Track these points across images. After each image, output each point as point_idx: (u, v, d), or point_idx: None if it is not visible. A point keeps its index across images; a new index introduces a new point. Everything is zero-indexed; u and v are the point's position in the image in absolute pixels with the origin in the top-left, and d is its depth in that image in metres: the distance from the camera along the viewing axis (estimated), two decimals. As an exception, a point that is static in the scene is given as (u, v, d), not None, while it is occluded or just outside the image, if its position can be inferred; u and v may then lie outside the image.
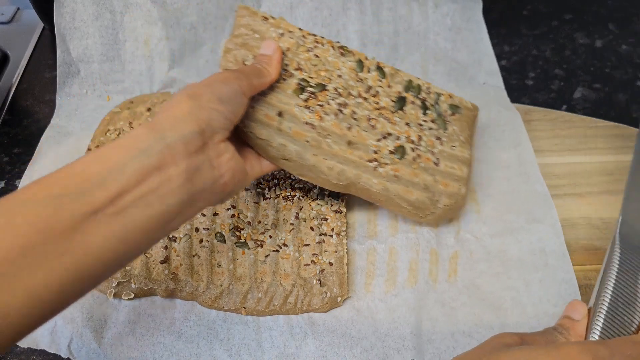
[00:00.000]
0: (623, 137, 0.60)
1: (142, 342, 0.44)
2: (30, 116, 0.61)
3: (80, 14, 0.61)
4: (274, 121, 0.45)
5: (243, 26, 0.49)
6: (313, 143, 0.46)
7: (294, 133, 0.45)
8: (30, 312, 0.29)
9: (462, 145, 0.50)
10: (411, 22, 0.67)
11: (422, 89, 0.52)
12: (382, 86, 0.50)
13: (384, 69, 0.51)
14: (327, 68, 0.49)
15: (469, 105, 0.53)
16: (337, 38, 0.66)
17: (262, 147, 0.45)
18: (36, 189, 0.31)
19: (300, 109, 0.46)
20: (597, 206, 0.54)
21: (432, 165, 0.48)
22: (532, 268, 0.48)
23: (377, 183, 0.47)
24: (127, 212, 0.32)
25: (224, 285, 0.46)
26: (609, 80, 0.69)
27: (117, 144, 0.34)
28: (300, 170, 0.47)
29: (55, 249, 0.29)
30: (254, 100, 0.45)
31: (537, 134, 0.60)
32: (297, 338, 0.44)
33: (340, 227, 0.50)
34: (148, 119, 0.58)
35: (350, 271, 0.48)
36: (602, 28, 0.76)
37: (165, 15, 0.62)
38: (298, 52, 0.49)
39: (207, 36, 0.64)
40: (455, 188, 0.48)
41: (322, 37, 0.51)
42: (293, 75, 0.48)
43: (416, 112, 0.50)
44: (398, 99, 0.50)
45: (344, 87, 0.49)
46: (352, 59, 0.51)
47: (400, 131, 0.49)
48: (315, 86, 0.48)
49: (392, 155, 0.48)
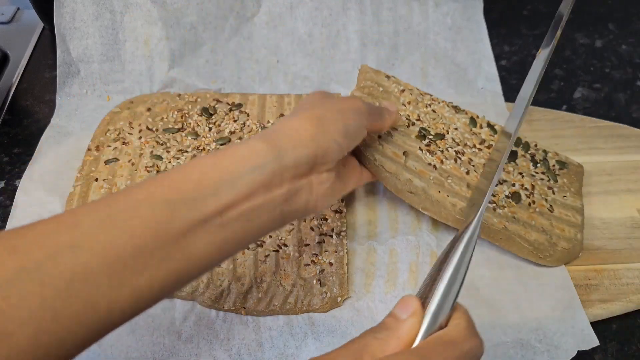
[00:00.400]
0: (623, 137, 0.60)
1: (142, 342, 0.43)
2: (30, 116, 0.61)
3: (80, 14, 0.61)
4: (401, 159, 0.49)
5: (368, 79, 0.55)
6: (436, 182, 0.49)
7: (419, 171, 0.49)
8: (131, 311, 0.30)
9: (573, 196, 0.52)
10: (411, 21, 0.67)
11: (531, 146, 0.56)
12: (494, 141, 0.54)
13: (494, 126, 0.56)
14: (443, 122, 0.54)
15: (574, 162, 0.56)
16: (337, 38, 0.66)
17: (389, 180, 0.49)
18: (152, 190, 0.31)
19: (422, 152, 0.50)
20: (597, 206, 0.54)
21: (547, 211, 0.50)
22: (530, 273, 0.48)
23: (498, 222, 0.49)
24: (230, 225, 0.32)
25: (224, 285, 0.46)
26: (609, 80, 0.69)
27: (234, 153, 0.34)
28: (424, 204, 0.49)
29: (164, 253, 0.30)
30: (384, 140, 0.49)
31: (537, 134, 0.60)
32: (297, 338, 0.44)
33: (341, 227, 0.50)
34: (148, 119, 0.58)
35: (350, 271, 0.48)
36: (602, 28, 0.76)
37: (165, 15, 0.62)
38: (418, 106, 0.54)
39: (207, 36, 0.64)
40: (572, 233, 0.50)
41: (437, 97, 0.57)
42: (415, 124, 0.52)
43: (527, 164, 0.54)
44: (510, 152, 0.53)
45: (461, 138, 0.53)
46: (465, 116, 0.56)
47: (514, 179, 0.52)
48: (434, 135, 0.52)
49: (508, 200, 0.50)
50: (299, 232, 0.49)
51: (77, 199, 0.51)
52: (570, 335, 0.44)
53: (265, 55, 0.65)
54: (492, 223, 0.48)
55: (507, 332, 0.44)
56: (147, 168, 0.53)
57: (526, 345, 0.44)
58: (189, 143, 0.56)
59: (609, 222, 0.53)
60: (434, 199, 0.48)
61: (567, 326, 0.45)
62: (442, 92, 0.65)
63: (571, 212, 0.51)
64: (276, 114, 0.59)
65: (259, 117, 0.59)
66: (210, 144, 0.56)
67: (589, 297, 0.47)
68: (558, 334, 0.44)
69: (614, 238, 0.51)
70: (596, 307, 0.46)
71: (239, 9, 0.64)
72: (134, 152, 0.55)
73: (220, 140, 0.56)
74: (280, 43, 0.65)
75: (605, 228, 0.52)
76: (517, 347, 0.43)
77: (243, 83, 0.65)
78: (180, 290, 0.46)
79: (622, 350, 0.45)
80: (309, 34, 0.65)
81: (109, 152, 0.55)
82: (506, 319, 0.45)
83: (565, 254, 0.48)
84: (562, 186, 0.53)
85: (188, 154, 0.55)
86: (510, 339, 0.44)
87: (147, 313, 0.45)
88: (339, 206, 0.51)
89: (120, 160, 0.54)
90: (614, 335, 0.46)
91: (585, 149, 0.59)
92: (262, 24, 0.65)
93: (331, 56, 0.65)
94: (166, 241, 0.30)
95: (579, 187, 0.54)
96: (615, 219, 0.53)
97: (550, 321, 0.45)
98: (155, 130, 0.57)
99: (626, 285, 0.48)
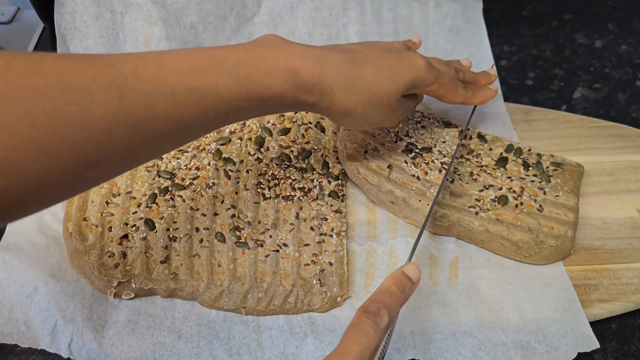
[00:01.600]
0: (623, 137, 0.60)
1: (142, 342, 0.44)
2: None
3: (80, 14, 0.61)
4: (385, 172, 0.52)
5: None
6: (418, 192, 0.51)
7: (401, 183, 0.51)
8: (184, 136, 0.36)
9: (567, 195, 0.52)
10: (412, 22, 0.67)
11: (524, 151, 0.56)
12: (483, 149, 0.56)
13: (485, 136, 0.57)
14: (432, 136, 0.56)
15: (572, 163, 0.56)
16: (338, 38, 0.66)
17: (372, 191, 0.53)
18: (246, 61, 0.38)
19: (407, 165, 0.53)
20: (596, 206, 0.54)
21: (536, 211, 0.51)
22: (530, 274, 0.48)
23: (479, 225, 0.49)
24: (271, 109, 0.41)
25: (224, 285, 0.46)
26: (608, 80, 0.69)
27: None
28: (405, 213, 0.51)
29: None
30: (370, 155, 0.53)
31: (537, 134, 0.60)
32: (297, 338, 0.44)
33: (340, 227, 0.50)
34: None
35: (350, 271, 0.48)
36: (602, 28, 0.76)
37: (165, 15, 0.62)
38: (407, 123, 0.57)
39: (207, 36, 0.64)
40: (562, 231, 0.49)
41: (429, 113, 0.59)
42: (402, 140, 0.55)
43: (518, 168, 0.55)
44: (499, 159, 0.55)
45: (448, 150, 0.55)
46: (455, 130, 0.57)
47: (502, 183, 0.53)
48: (421, 148, 0.55)
49: (494, 203, 0.51)
50: (299, 232, 0.50)
51: (77, 199, 0.51)
52: (571, 337, 0.44)
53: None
54: (474, 227, 0.49)
55: (507, 333, 0.44)
56: (147, 168, 0.54)
57: (526, 346, 0.44)
58: (189, 143, 0.56)
59: (608, 222, 0.53)
60: (414, 208, 0.50)
61: (567, 328, 0.45)
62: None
63: (562, 211, 0.51)
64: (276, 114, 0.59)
65: (259, 117, 0.59)
66: (210, 144, 0.56)
67: (589, 297, 0.47)
68: (558, 336, 0.44)
69: (614, 238, 0.51)
70: (596, 307, 0.46)
71: (239, 9, 0.64)
72: (134, 152, 0.55)
73: (220, 140, 0.56)
74: None
75: (605, 228, 0.52)
76: (517, 348, 0.44)
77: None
78: (181, 290, 0.46)
79: (621, 350, 0.45)
80: (309, 34, 0.65)
81: (109, 152, 0.55)
82: (506, 320, 0.45)
83: (552, 252, 0.48)
84: (555, 186, 0.53)
85: (188, 154, 0.55)
86: (510, 339, 0.44)
87: (147, 313, 0.45)
88: (339, 206, 0.51)
89: (120, 160, 0.54)
90: (614, 335, 0.46)
91: (585, 149, 0.59)
92: (262, 24, 0.65)
93: None
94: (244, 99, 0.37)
95: (574, 186, 0.54)
96: (615, 219, 0.53)
97: (550, 323, 0.45)
98: (156, 130, 0.57)
99: (626, 285, 0.48)
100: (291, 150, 0.56)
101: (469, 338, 0.44)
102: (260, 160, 0.55)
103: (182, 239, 0.48)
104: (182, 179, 0.53)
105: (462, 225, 0.49)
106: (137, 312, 0.45)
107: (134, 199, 0.51)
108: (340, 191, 0.53)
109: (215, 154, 0.55)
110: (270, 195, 0.52)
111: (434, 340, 0.44)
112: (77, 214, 0.50)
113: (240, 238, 0.49)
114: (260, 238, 0.49)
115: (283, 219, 0.51)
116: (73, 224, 0.49)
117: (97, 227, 0.49)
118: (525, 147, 0.56)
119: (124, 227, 0.49)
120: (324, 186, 0.53)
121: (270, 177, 0.53)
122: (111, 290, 0.46)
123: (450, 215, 0.50)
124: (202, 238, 0.49)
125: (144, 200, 0.51)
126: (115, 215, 0.50)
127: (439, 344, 0.44)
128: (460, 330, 0.45)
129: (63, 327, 0.44)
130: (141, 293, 0.46)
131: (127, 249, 0.48)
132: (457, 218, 0.50)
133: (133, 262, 0.47)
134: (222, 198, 0.51)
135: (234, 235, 0.49)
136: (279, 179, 0.53)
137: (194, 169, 0.54)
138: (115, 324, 0.44)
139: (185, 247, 0.48)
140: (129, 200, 0.51)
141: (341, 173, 0.54)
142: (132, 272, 0.46)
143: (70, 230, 0.49)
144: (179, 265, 0.47)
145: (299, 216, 0.50)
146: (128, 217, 0.50)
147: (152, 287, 0.46)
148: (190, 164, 0.54)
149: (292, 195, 0.52)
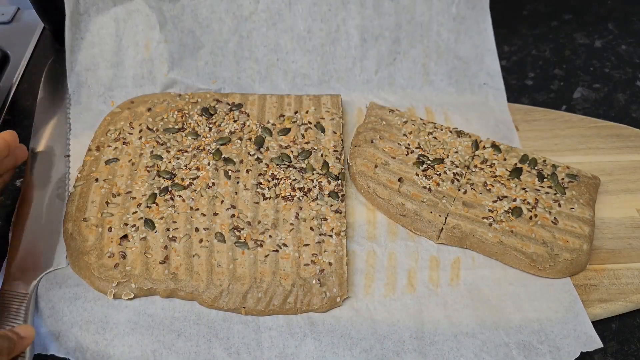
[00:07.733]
0: (623, 137, 0.60)
1: (142, 342, 0.44)
2: (31, 116, 0.61)
3: (85, 24, 0.62)
4: (395, 185, 0.52)
5: (373, 115, 0.59)
6: (429, 203, 0.51)
7: (412, 195, 0.51)
8: None
9: (582, 207, 0.52)
10: (414, 12, 0.65)
11: (539, 162, 0.55)
12: (497, 159, 0.55)
13: (499, 146, 0.56)
14: (444, 147, 0.56)
15: (588, 175, 0.55)
16: (337, 34, 0.65)
17: (382, 205, 0.52)
18: None
19: (419, 177, 0.53)
20: (596, 206, 0.54)
21: (550, 223, 0.50)
22: (532, 275, 0.48)
23: (493, 237, 0.49)
24: None
25: (224, 285, 0.46)
26: (608, 80, 0.69)
27: None
28: (416, 225, 0.51)
29: None
30: (380, 169, 0.53)
31: (537, 134, 0.60)
32: (296, 338, 0.44)
33: (340, 227, 0.50)
34: (148, 119, 0.58)
35: (349, 272, 0.48)
36: (602, 28, 0.76)
37: (162, 20, 0.63)
38: (419, 135, 0.57)
39: (205, 39, 0.64)
40: (577, 244, 0.49)
41: (440, 124, 0.58)
42: (414, 152, 0.55)
43: (533, 180, 0.54)
44: (514, 169, 0.54)
45: (461, 160, 0.55)
46: (468, 139, 0.57)
47: (516, 195, 0.52)
48: (433, 160, 0.54)
49: (508, 215, 0.50)
50: (299, 232, 0.50)
51: (77, 199, 0.51)
52: (573, 337, 0.44)
53: (265, 53, 0.65)
54: (487, 238, 0.49)
55: (510, 333, 0.44)
56: (147, 168, 0.54)
57: (528, 346, 0.44)
58: (189, 143, 0.56)
59: (608, 222, 0.53)
60: (425, 220, 0.50)
61: (569, 328, 0.45)
62: (443, 90, 0.65)
63: (578, 224, 0.50)
64: (276, 114, 0.59)
65: (259, 117, 0.59)
66: (210, 144, 0.56)
67: (589, 296, 0.47)
68: (560, 336, 0.44)
69: (614, 238, 0.51)
70: (596, 307, 0.46)
71: (235, 10, 0.64)
72: (134, 152, 0.55)
73: (220, 140, 0.56)
74: (280, 40, 0.65)
75: (605, 228, 0.52)
76: (519, 348, 0.43)
77: (243, 83, 0.65)
78: (180, 290, 0.46)
79: (621, 350, 0.45)
80: (308, 30, 0.65)
81: (110, 152, 0.55)
82: (508, 320, 0.45)
83: (567, 265, 0.48)
84: (570, 198, 0.52)
85: (188, 154, 0.55)
86: (513, 340, 0.44)
87: (147, 313, 0.45)
88: (339, 206, 0.51)
89: (120, 160, 0.54)
90: (614, 335, 0.46)
91: (584, 149, 0.59)
92: (260, 22, 0.65)
93: (331, 53, 0.65)
94: None
95: (590, 198, 0.53)
96: (615, 219, 0.53)
97: (552, 323, 0.45)
98: (156, 130, 0.57)
99: (626, 285, 0.48)
100: (291, 150, 0.56)
101: (471, 339, 0.44)
102: (260, 160, 0.55)
103: (182, 239, 0.48)
104: (182, 179, 0.53)
105: (475, 236, 0.49)
106: (137, 312, 0.45)
107: (134, 199, 0.51)
108: (340, 191, 0.53)
109: (215, 154, 0.55)
110: (270, 196, 0.52)
111: (436, 342, 0.44)
112: (77, 215, 0.50)
113: (239, 238, 0.49)
114: (260, 238, 0.49)
115: (283, 219, 0.51)
116: (73, 225, 0.49)
117: (97, 228, 0.49)
118: (540, 157, 0.55)
119: (124, 228, 0.49)
120: (324, 186, 0.53)
121: (270, 177, 0.53)
122: (111, 290, 0.46)
123: (463, 226, 0.49)
124: (201, 238, 0.49)
125: (144, 200, 0.51)
126: (115, 215, 0.50)
127: (441, 346, 0.44)
128: (462, 331, 0.45)
129: (68, 332, 0.44)
130: (141, 293, 0.46)
131: (127, 249, 0.48)
132: (470, 229, 0.49)
133: (133, 262, 0.47)
134: (222, 198, 0.51)
135: (234, 235, 0.49)
136: (278, 179, 0.53)
137: (193, 169, 0.54)
138: (116, 325, 0.44)
139: (185, 247, 0.48)
140: (128, 200, 0.51)
141: (341, 173, 0.54)
142: (132, 273, 0.46)
143: (71, 231, 0.49)
144: (178, 265, 0.47)
145: (298, 216, 0.50)
146: (128, 217, 0.50)
147: (151, 287, 0.46)
148: (190, 164, 0.54)
149: (292, 196, 0.52)
